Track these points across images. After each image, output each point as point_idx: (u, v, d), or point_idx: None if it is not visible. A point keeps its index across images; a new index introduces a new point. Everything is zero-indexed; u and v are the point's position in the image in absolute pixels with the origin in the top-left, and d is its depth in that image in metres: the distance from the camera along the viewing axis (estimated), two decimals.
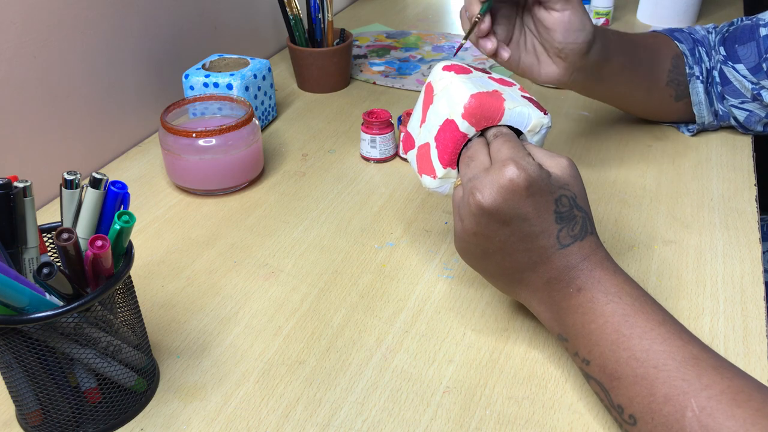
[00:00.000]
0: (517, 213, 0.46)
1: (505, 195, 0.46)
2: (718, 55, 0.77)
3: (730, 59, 0.76)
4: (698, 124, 0.81)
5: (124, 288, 0.47)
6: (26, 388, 0.45)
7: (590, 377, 0.46)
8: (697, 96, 0.77)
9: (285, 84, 1.00)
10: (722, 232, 0.66)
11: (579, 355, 0.47)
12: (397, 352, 0.54)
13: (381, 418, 0.48)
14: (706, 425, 0.39)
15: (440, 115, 0.53)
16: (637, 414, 0.42)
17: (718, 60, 0.77)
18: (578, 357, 0.47)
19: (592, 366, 0.46)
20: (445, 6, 1.35)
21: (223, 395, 0.50)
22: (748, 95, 0.76)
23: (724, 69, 0.76)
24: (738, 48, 0.76)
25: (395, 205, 0.72)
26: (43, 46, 0.69)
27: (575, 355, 0.47)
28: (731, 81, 0.76)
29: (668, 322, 0.45)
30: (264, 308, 0.58)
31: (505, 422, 0.48)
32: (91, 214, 0.45)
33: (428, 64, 1.05)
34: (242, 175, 0.74)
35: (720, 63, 0.77)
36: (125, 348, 0.47)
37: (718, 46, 0.77)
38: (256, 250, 0.65)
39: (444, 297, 0.59)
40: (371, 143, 0.78)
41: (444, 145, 0.52)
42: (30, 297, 0.40)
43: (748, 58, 0.75)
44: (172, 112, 0.73)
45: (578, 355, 0.47)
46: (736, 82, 0.76)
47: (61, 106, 0.73)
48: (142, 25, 0.82)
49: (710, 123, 0.80)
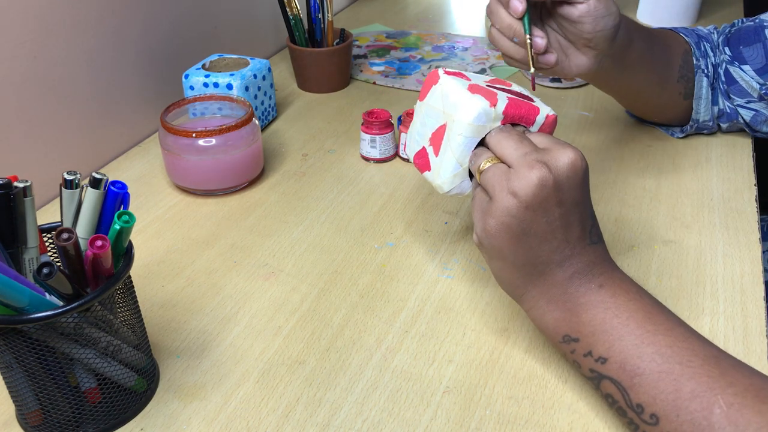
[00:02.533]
0: (574, 195, 0.46)
1: (576, 171, 0.46)
2: (723, 54, 0.77)
3: (736, 60, 0.76)
4: (691, 122, 0.80)
5: (124, 288, 0.47)
6: (26, 388, 0.45)
7: (604, 377, 0.45)
8: (699, 90, 0.77)
9: (285, 84, 1.00)
10: (722, 232, 0.66)
11: (593, 354, 0.46)
12: (397, 352, 0.54)
13: (381, 418, 0.48)
14: (735, 421, 0.39)
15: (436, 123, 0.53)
16: (661, 412, 0.42)
17: (723, 59, 0.77)
18: (591, 356, 0.46)
19: (610, 364, 0.44)
20: (445, 6, 1.35)
21: (223, 395, 0.50)
22: (755, 95, 0.76)
23: (730, 69, 0.77)
24: (743, 49, 0.76)
25: (395, 205, 0.72)
26: (43, 46, 0.69)
27: (587, 354, 0.46)
28: (737, 81, 0.76)
29: (684, 323, 0.45)
30: (264, 308, 0.58)
31: (505, 422, 0.48)
32: (91, 214, 0.45)
33: (428, 64, 1.05)
34: (242, 175, 0.74)
35: (726, 63, 0.77)
36: (125, 348, 0.47)
37: (722, 46, 0.78)
38: (256, 250, 0.65)
39: (444, 297, 0.59)
40: (371, 143, 0.78)
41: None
42: (30, 297, 0.40)
43: (755, 60, 0.75)
44: (172, 112, 0.73)
45: (592, 355, 0.46)
46: (742, 82, 0.76)
47: (61, 106, 0.73)
48: (142, 25, 0.82)
49: (704, 122, 0.80)
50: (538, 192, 0.45)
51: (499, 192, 0.47)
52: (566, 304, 0.47)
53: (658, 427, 0.42)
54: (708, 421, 0.40)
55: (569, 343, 0.47)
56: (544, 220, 0.46)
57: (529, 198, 0.45)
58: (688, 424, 0.40)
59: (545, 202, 0.46)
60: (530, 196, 0.45)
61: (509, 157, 0.48)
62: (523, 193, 0.45)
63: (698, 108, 0.78)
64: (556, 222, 0.46)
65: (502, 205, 0.46)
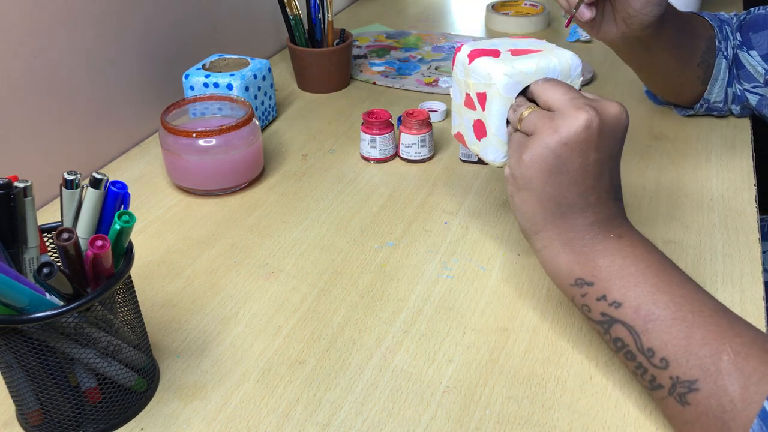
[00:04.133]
0: (612, 147, 0.47)
1: (620, 123, 0.47)
2: (735, 40, 0.79)
3: (744, 45, 0.78)
4: (702, 101, 0.81)
5: (124, 288, 0.47)
6: (26, 388, 0.45)
7: (617, 321, 0.46)
8: (717, 71, 0.79)
9: (285, 84, 1.00)
10: (722, 232, 0.66)
11: (607, 299, 0.47)
12: (396, 351, 0.54)
13: (381, 417, 0.48)
14: (742, 368, 0.41)
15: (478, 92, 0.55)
16: (671, 356, 0.43)
17: (734, 45, 0.79)
18: (605, 300, 0.47)
19: (625, 308, 0.46)
20: (445, 6, 1.35)
21: (223, 395, 0.50)
22: (760, 80, 0.78)
23: (738, 54, 0.79)
24: (752, 35, 0.78)
25: (395, 205, 0.72)
26: (43, 45, 0.69)
27: (601, 299, 0.47)
28: (744, 66, 0.79)
29: (694, 281, 0.47)
30: (264, 308, 0.58)
31: (504, 422, 0.48)
32: (91, 214, 0.45)
33: (428, 65, 1.05)
34: (242, 175, 0.74)
35: (736, 48, 0.79)
36: (125, 348, 0.47)
37: (735, 31, 0.80)
38: (256, 250, 0.65)
39: (444, 297, 0.59)
40: (371, 143, 0.79)
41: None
42: (30, 297, 0.40)
43: (761, 45, 0.77)
44: (173, 112, 0.73)
45: (606, 299, 0.47)
46: (749, 67, 0.78)
47: (61, 106, 0.73)
48: (143, 25, 0.82)
49: (715, 103, 0.81)
50: (581, 132, 0.46)
51: (541, 127, 0.48)
52: (583, 248, 0.48)
53: (667, 371, 0.43)
54: (716, 366, 0.41)
55: (582, 286, 0.48)
56: (580, 161, 0.47)
57: (571, 135, 0.46)
58: (697, 369, 0.42)
59: (585, 143, 0.46)
60: (572, 134, 0.46)
61: (557, 102, 0.48)
62: (565, 130, 0.46)
63: (711, 89, 0.80)
64: (590, 167, 0.47)
65: (542, 138, 0.47)
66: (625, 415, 0.48)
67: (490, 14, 1.22)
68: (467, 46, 0.56)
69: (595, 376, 0.51)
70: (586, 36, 1.12)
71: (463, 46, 0.57)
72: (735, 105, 0.82)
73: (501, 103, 0.53)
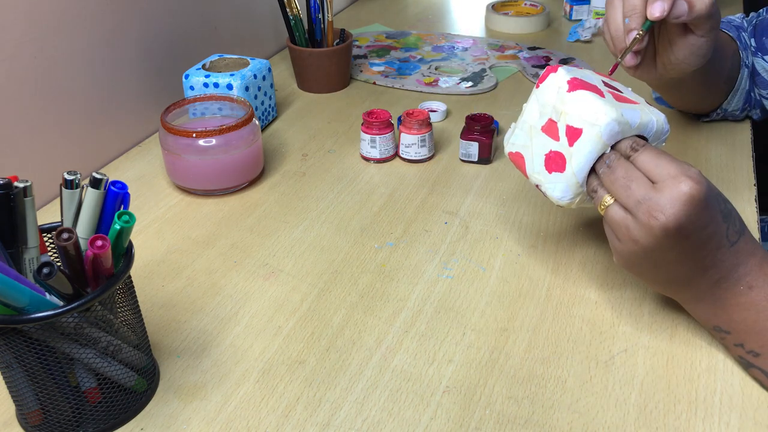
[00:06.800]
0: (697, 225, 0.47)
1: (688, 210, 0.46)
2: (751, 47, 0.78)
3: (759, 50, 0.77)
4: (719, 110, 0.81)
5: (124, 288, 0.47)
6: (26, 388, 0.45)
7: (753, 366, 0.49)
8: (740, 82, 0.78)
9: (285, 84, 1.00)
10: None
11: (745, 347, 0.49)
12: (396, 351, 0.54)
13: (381, 417, 0.48)
14: None
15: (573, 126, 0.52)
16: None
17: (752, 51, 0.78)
18: (743, 348, 0.49)
19: (763, 358, 0.48)
20: (445, 6, 1.35)
21: (223, 395, 0.50)
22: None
23: (754, 60, 0.78)
24: (765, 40, 0.77)
25: (395, 205, 0.72)
26: (43, 46, 0.69)
27: (738, 345, 0.50)
28: (759, 72, 0.78)
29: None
30: (264, 308, 0.58)
31: (504, 422, 0.48)
32: (91, 214, 0.45)
33: (428, 65, 1.05)
34: (242, 175, 0.74)
35: (750, 53, 0.78)
36: (125, 348, 0.47)
37: (750, 37, 0.79)
38: (256, 250, 0.65)
39: (444, 297, 0.59)
40: (371, 143, 0.79)
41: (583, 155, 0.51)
42: (30, 297, 0.40)
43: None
44: (173, 113, 0.73)
45: (744, 347, 0.49)
46: (764, 73, 0.77)
47: (61, 106, 0.73)
48: (142, 26, 0.82)
49: (732, 111, 0.81)
50: (658, 239, 0.47)
51: (623, 236, 0.49)
52: (716, 303, 0.50)
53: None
54: None
55: (720, 332, 0.51)
56: (674, 252, 0.48)
57: (650, 243, 0.47)
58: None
59: (666, 243, 0.47)
60: (651, 242, 0.47)
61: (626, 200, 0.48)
62: (643, 239, 0.47)
63: (731, 99, 0.80)
64: (688, 249, 0.48)
65: (624, 248, 0.49)
66: (625, 415, 0.48)
67: (490, 14, 1.22)
68: (565, 71, 0.53)
69: (595, 376, 0.51)
70: (586, 36, 1.12)
71: (559, 69, 0.53)
72: (756, 109, 0.81)
73: (596, 147, 0.50)
